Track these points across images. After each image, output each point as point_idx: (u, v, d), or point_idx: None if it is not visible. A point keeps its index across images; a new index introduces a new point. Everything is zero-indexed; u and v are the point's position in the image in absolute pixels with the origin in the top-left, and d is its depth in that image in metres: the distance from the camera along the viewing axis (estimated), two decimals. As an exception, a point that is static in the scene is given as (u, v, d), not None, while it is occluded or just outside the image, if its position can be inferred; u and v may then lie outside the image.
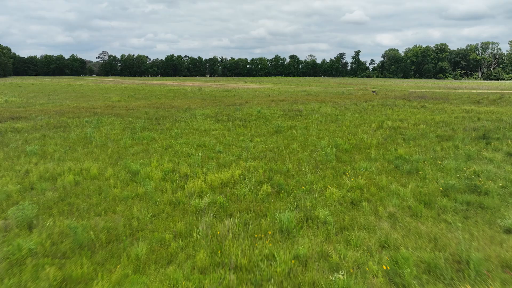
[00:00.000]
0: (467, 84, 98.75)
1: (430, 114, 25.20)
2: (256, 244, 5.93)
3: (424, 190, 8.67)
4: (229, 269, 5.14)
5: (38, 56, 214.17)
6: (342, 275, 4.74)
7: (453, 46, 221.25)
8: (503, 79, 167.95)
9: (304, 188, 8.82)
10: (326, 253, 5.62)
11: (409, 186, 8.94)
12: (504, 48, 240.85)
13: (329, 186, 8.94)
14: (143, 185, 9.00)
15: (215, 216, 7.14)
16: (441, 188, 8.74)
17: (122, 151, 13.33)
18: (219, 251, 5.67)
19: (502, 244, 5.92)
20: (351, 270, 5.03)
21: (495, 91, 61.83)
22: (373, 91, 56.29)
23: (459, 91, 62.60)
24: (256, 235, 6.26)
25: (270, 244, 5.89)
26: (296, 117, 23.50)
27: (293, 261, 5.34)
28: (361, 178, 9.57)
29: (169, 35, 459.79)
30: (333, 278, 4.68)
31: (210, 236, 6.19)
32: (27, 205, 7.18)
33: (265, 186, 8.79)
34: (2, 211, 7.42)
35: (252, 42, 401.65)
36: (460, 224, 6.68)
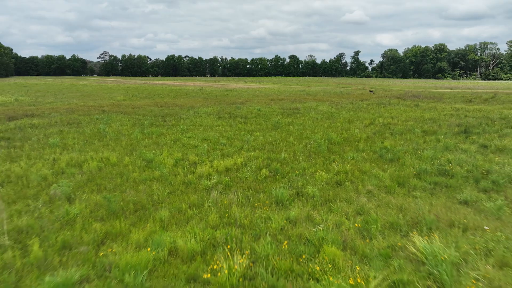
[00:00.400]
0: (464, 84, 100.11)
1: (421, 112, 26.58)
2: (256, 211, 7.35)
3: (400, 173, 10.09)
4: (235, 226, 6.56)
5: (39, 56, 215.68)
6: (322, 228, 6.16)
7: (453, 46, 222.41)
8: (501, 79, 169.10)
9: (297, 172, 10.24)
10: (312, 217, 7.03)
11: (388, 171, 10.36)
12: (503, 48, 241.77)
13: (319, 170, 10.36)
14: (158, 169, 10.42)
15: (221, 193, 8.56)
16: (415, 172, 10.16)
17: (134, 143, 14.74)
18: (227, 215, 7.09)
19: (454, 212, 7.33)
20: (330, 225, 6.46)
21: (490, 90, 63.20)
22: (371, 91, 57.64)
23: (455, 90, 63.97)
24: (256, 205, 7.69)
25: (267, 210, 7.32)
26: (293, 114, 24.90)
27: (285, 221, 6.76)
28: (348, 165, 10.99)
29: (169, 35, 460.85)
30: (315, 230, 6.10)
31: (219, 205, 7.62)
32: (65, 183, 8.61)
33: (263, 171, 10.21)
34: (42, 188, 8.84)
35: (252, 42, 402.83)
36: (419, 194, 8.13)
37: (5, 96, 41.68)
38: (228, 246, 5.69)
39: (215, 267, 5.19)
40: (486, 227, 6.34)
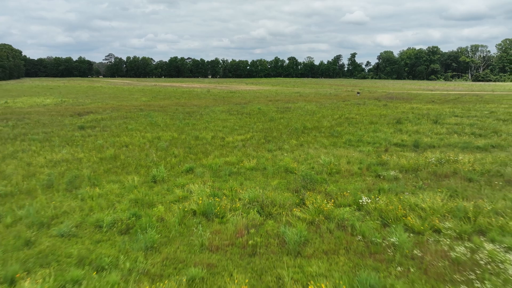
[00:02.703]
0: (448, 86, 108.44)
1: (381, 110, 35.07)
2: (258, 153, 15.93)
3: (336, 141, 18.64)
4: (249, 156, 15.14)
5: (40, 56, 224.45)
6: (287, 155, 14.73)
7: (453, 46, 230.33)
8: (490, 80, 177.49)
9: (280, 141, 18.81)
10: (284, 155, 15.59)
11: (330, 140, 18.91)
12: (494, 51, 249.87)
13: (292, 140, 18.93)
14: (204, 139, 18.99)
15: (241, 147, 17.10)
16: (343, 141, 18.73)
17: (180, 129, 23.27)
18: (246, 153, 15.66)
19: (347, 153, 15.85)
20: (291, 155, 15.01)
21: (462, 92, 71.67)
22: (358, 93, 65.86)
23: (432, 92, 72.42)
24: (258, 151, 16.27)
25: (264, 153, 15.91)
26: (285, 112, 33.45)
27: (271, 156, 15.33)
28: (309, 138, 19.56)
29: (169, 36, 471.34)
30: (283, 156, 14.68)
31: (241, 150, 16.20)
32: (161, 143, 17.20)
33: (262, 140, 18.79)
34: (148, 147, 17.37)
35: (252, 43, 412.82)
36: (340, 148, 16.80)
37: (49, 97, 50.22)
38: (248, 159, 14.26)
39: (244, 163, 13.74)
40: (353, 155, 14.93)
